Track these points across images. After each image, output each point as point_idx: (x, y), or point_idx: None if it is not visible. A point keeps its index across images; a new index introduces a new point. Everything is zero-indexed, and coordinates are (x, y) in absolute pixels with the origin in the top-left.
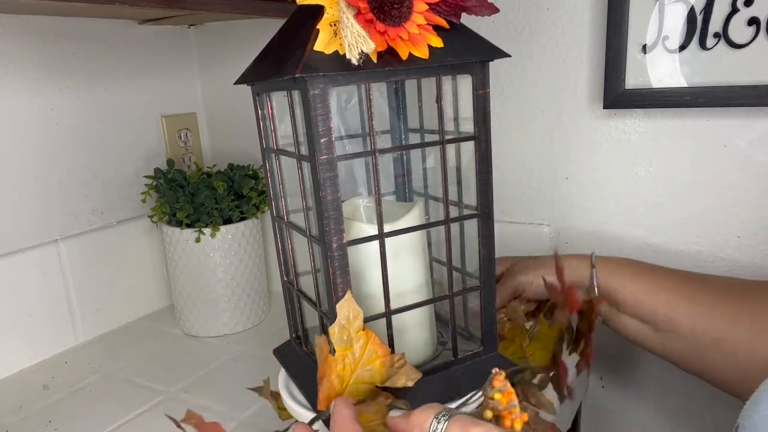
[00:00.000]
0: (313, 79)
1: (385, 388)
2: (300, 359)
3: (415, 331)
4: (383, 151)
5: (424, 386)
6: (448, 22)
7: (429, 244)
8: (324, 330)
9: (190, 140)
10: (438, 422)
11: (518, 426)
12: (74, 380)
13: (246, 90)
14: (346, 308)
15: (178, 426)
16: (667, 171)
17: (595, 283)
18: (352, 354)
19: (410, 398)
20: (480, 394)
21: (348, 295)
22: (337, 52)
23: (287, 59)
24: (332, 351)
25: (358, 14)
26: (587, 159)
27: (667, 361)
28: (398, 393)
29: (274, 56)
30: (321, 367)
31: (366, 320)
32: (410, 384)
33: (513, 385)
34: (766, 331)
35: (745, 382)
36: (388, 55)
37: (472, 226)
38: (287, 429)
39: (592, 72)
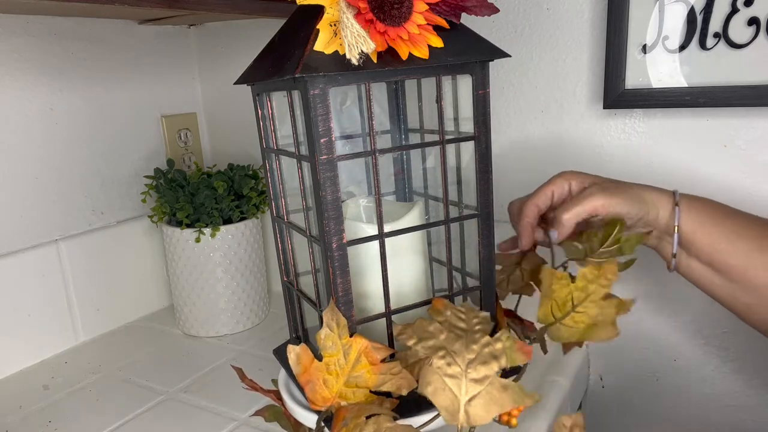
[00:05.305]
0: (313, 79)
1: (380, 393)
2: None
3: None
4: (383, 151)
5: None
6: (448, 22)
7: (429, 244)
8: None
9: (190, 140)
10: None
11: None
12: (74, 380)
13: (246, 90)
14: (329, 316)
15: (243, 378)
16: (667, 171)
17: (676, 223)
18: (337, 361)
19: (408, 398)
20: None
21: (331, 303)
22: (337, 52)
23: (287, 59)
24: (319, 357)
25: (358, 14)
26: (587, 159)
27: (729, 309)
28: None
29: (274, 56)
30: (303, 375)
31: (365, 320)
32: (404, 393)
33: None
34: None
35: None
36: (388, 55)
37: (471, 226)
38: None
39: (592, 72)
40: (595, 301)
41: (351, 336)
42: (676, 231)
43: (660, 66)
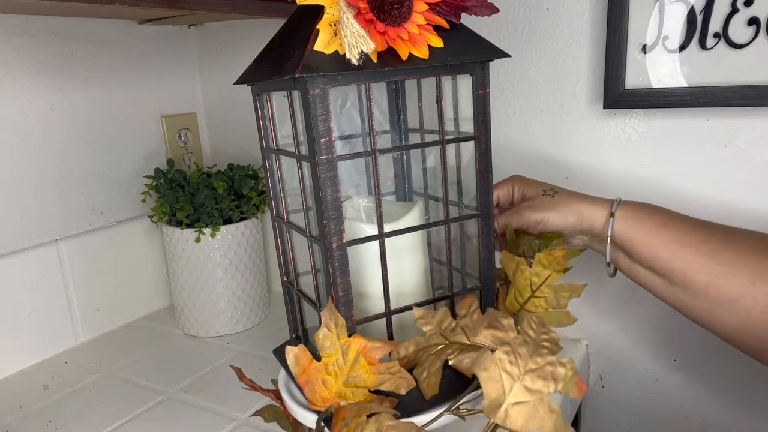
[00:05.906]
0: (313, 79)
1: (379, 392)
2: None
3: (416, 331)
4: (383, 151)
5: None
6: (448, 22)
7: (429, 244)
8: None
9: (190, 140)
10: None
11: None
12: (74, 380)
13: (246, 90)
14: (327, 316)
15: (242, 378)
16: (667, 171)
17: (608, 235)
18: (336, 361)
19: (407, 398)
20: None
21: (329, 303)
22: (337, 52)
23: (287, 59)
24: (318, 357)
25: (358, 14)
26: (587, 159)
27: (674, 308)
28: (393, 395)
29: (274, 56)
30: (302, 375)
31: (365, 320)
32: (402, 392)
33: None
34: None
35: (756, 339)
36: (388, 55)
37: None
38: None
39: (592, 72)
40: (550, 286)
41: (350, 336)
42: (608, 242)
43: (660, 66)
